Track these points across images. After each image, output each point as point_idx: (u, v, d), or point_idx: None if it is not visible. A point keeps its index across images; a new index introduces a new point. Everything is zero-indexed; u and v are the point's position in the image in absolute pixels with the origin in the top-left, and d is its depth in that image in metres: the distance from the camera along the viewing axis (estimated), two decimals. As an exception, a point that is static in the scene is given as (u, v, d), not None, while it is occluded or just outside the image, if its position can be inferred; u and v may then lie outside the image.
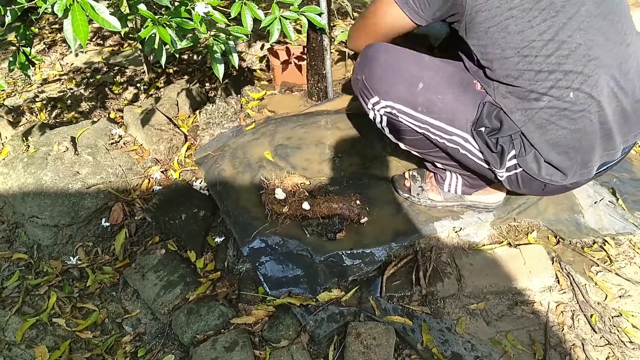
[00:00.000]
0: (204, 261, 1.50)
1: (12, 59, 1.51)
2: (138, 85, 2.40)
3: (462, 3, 1.00)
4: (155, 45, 1.29)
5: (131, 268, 1.48)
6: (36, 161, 1.70)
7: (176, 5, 1.30)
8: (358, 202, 1.42)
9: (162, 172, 1.80)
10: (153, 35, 1.26)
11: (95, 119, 2.04)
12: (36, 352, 1.29)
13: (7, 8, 1.21)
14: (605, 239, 1.46)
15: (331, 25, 2.32)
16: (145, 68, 2.37)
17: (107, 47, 2.75)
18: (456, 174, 1.36)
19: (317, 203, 1.41)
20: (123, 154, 1.82)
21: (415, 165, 1.60)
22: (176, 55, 1.37)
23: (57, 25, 2.97)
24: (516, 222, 1.47)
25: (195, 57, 2.57)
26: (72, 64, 2.61)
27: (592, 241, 1.47)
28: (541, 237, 1.48)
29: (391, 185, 1.54)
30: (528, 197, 1.49)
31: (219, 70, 1.44)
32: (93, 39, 2.83)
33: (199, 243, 1.54)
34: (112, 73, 2.52)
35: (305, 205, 1.40)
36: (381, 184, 1.56)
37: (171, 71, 2.43)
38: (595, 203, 1.52)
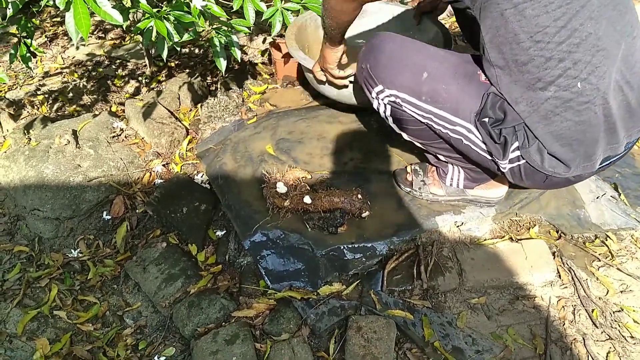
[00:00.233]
0: (205, 254, 1.50)
1: (14, 51, 1.51)
2: (140, 78, 2.39)
3: None
4: (152, 38, 1.29)
5: (132, 261, 1.49)
6: (37, 154, 1.70)
7: (177, -3, 1.30)
8: (359, 196, 1.41)
9: (164, 166, 1.80)
10: (150, 27, 1.25)
11: (96, 112, 2.03)
12: (37, 345, 1.29)
13: (9, 0, 1.21)
14: (607, 234, 1.46)
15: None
16: (146, 61, 2.36)
17: (109, 41, 2.74)
18: (458, 168, 1.36)
19: (319, 197, 1.41)
20: (124, 148, 1.82)
21: (417, 159, 1.59)
22: (177, 48, 1.37)
23: (59, 18, 2.96)
24: (518, 217, 1.47)
25: (197, 51, 2.56)
26: (74, 57, 2.60)
27: (594, 236, 1.47)
28: (543, 232, 1.47)
29: (393, 179, 1.54)
30: (530, 192, 1.49)
31: (222, 64, 1.44)
32: (95, 32, 2.83)
33: (200, 236, 1.54)
34: (114, 66, 2.51)
35: (306, 199, 1.40)
36: (383, 178, 1.55)
37: (173, 65, 2.42)
38: (597, 198, 1.51)
